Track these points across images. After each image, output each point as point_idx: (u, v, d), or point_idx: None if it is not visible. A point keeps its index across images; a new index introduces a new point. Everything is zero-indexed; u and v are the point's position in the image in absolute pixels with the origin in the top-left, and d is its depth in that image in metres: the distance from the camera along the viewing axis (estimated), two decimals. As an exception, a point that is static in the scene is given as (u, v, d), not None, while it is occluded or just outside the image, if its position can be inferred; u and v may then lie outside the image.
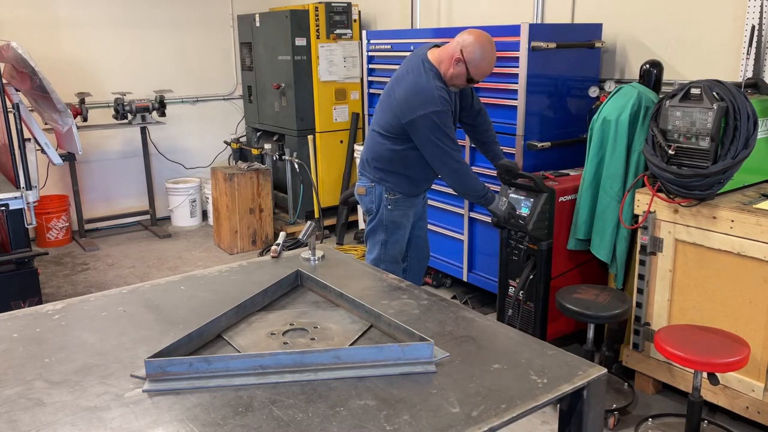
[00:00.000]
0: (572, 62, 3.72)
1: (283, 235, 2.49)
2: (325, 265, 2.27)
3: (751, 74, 3.18)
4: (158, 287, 2.10)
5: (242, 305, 1.84)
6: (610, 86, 3.54)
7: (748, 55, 3.19)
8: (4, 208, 3.59)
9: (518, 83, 3.55)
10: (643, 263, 3.01)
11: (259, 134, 6.38)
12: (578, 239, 3.34)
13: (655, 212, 2.93)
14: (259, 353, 1.54)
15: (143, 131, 6.04)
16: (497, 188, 3.45)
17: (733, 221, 2.64)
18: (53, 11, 5.69)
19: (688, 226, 2.81)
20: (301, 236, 2.30)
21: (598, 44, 3.77)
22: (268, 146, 5.86)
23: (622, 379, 3.22)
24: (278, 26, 5.57)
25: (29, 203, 3.62)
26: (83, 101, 5.45)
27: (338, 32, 5.56)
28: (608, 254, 3.22)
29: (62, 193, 5.91)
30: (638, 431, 2.87)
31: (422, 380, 1.49)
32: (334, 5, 5.51)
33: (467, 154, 3.96)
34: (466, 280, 4.18)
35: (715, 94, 2.68)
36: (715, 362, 2.37)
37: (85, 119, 5.46)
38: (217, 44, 6.58)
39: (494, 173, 3.51)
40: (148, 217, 6.28)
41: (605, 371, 1.53)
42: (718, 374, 2.47)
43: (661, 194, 2.86)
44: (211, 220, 6.02)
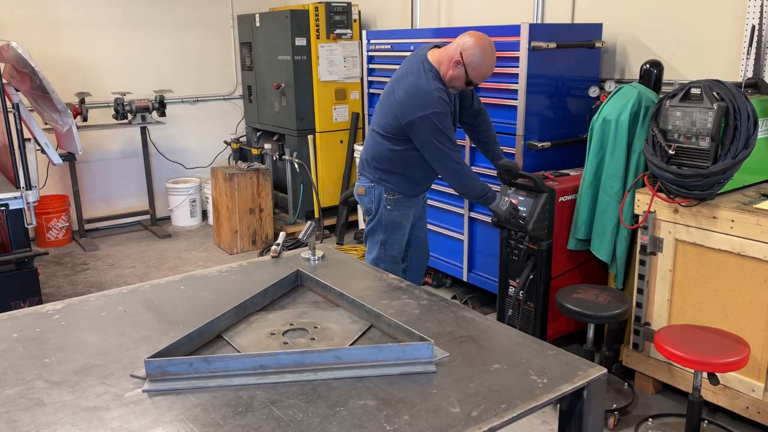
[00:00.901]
0: (572, 62, 3.72)
1: (283, 235, 2.49)
2: (325, 265, 2.27)
3: (751, 74, 3.18)
4: (158, 287, 2.10)
5: (242, 305, 1.84)
6: (610, 86, 3.54)
7: (748, 55, 3.19)
8: (4, 208, 3.59)
9: (518, 83, 3.55)
10: (643, 263, 3.01)
11: (259, 134, 6.38)
12: (578, 239, 3.34)
13: (655, 212, 2.93)
14: (259, 353, 1.54)
15: (143, 131, 6.04)
16: (498, 188, 3.45)
17: (733, 221, 2.64)
18: (53, 11, 5.69)
19: (688, 226, 2.81)
20: (301, 236, 2.30)
21: (598, 44, 3.77)
22: (268, 146, 5.86)
23: (622, 379, 3.22)
24: (278, 26, 5.57)
25: (29, 203, 3.61)
26: (83, 101, 5.45)
27: (338, 32, 5.56)
28: (608, 254, 3.22)
29: (62, 193, 5.91)
30: (638, 431, 2.87)
31: (422, 380, 1.49)
32: (334, 5, 5.51)
33: (467, 153, 3.96)
34: (466, 280, 4.18)
35: (715, 94, 2.68)
36: (715, 362, 2.37)
37: (85, 119, 5.46)
38: (217, 44, 6.58)
39: (494, 173, 3.51)
40: (148, 217, 6.28)
41: (605, 371, 1.53)
42: (718, 374, 2.47)
43: (661, 194, 2.86)
44: (211, 220, 6.03)
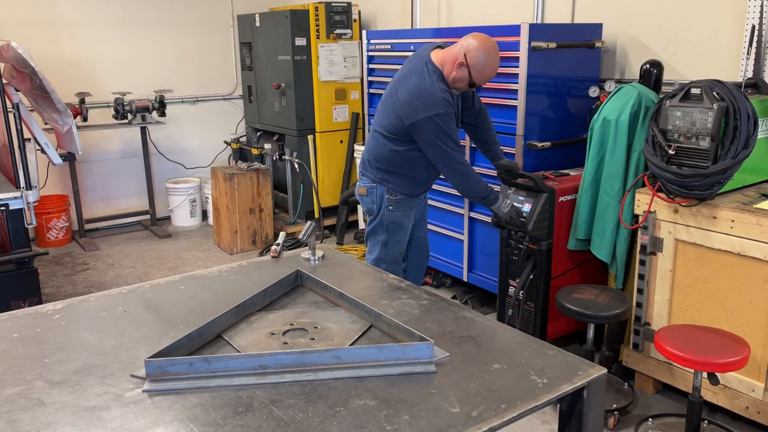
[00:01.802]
0: (572, 62, 3.72)
1: (283, 235, 2.49)
2: (325, 265, 2.27)
3: (751, 74, 3.18)
4: (158, 287, 2.10)
5: (242, 305, 1.84)
6: (610, 86, 3.54)
7: (748, 55, 3.19)
8: (4, 208, 3.59)
9: (518, 83, 3.55)
10: (643, 263, 3.01)
11: (259, 134, 6.38)
12: (578, 239, 3.33)
13: (655, 212, 2.93)
14: (259, 353, 1.54)
15: (143, 131, 6.04)
16: (498, 188, 3.45)
17: (733, 221, 2.64)
18: (53, 11, 5.69)
19: (688, 226, 2.81)
20: (301, 236, 2.30)
21: (598, 44, 3.77)
22: (268, 146, 5.86)
23: (622, 379, 3.21)
24: (278, 26, 5.57)
25: (29, 203, 3.61)
26: (83, 101, 5.45)
27: (338, 32, 5.56)
28: (608, 254, 3.22)
29: (62, 193, 5.91)
30: (638, 431, 2.87)
31: (422, 380, 1.49)
32: (334, 5, 5.51)
33: (468, 153, 3.96)
34: (466, 280, 4.18)
35: (715, 94, 2.68)
36: (715, 362, 2.37)
37: (85, 119, 5.46)
38: (217, 44, 6.58)
39: (494, 173, 3.51)
40: (148, 217, 6.28)
41: (605, 371, 1.53)
42: (718, 374, 2.47)
43: (661, 194, 2.85)
44: (211, 220, 6.03)
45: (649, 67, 3.32)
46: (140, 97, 5.88)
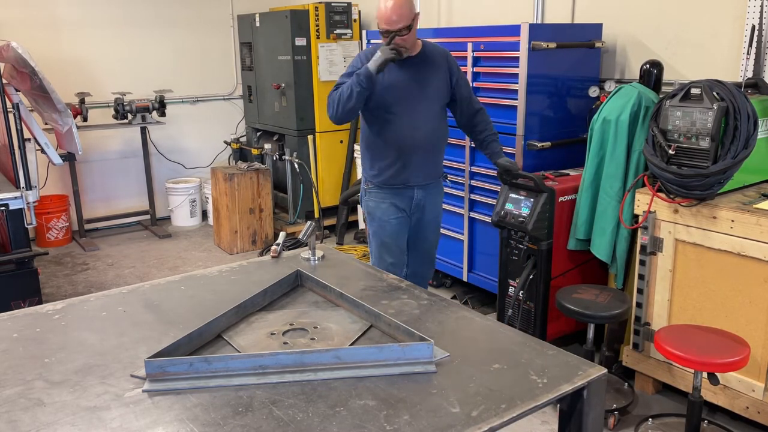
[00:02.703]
0: (572, 62, 3.72)
1: (283, 235, 2.49)
2: (325, 265, 2.27)
3: (751, 74, 3.18)
4: (158, 287, 2.10)
5: (242, 305, 1.84)
6: (610, 86, 3.54)
7: (748, 55, 3.19)
8: (4, 208, 3.59)
9: (518, 83, 3.55)
10: (643, 263, 3.01)
11: (259, 134, 6.38)
12: (578, 239, 3.33)
13: (655, 212, 2.93)
14: (259, 353, 1.54)
15: (143, 131, 6.04)
16: (497, 189, 3.44)
17: (733, 221, 2.64)
18: (53, 11, 5.69)
19: (688, 226, 2.81)
20: (301, 236, 2.30)
21: (598, 44, 3.77)
22: (268, 146, 5.86)
23: (622, 379, 3.21)
24: (278, 26, 5.57)
25: (29, 203, 3.61)
26: (83, 101, 5.45)
27: (338, 32, 5.56)
28: (608, 254, 3.22)
29: (62, 193, 5.91)
30: (638, 431, 2.87)
31: (422, 380, 1.49)
32: (334, 5, 5.51)
33: (467, 154, 3.96)
34: (466, 280, 4.18)
35: (715, 94, 2.68)
36: (715, 362, 2.37)
37: (85, 119, 5.46)
38: (217, 44, 6.58)
39: (494, 173, 3.51)
40: (148, 217, 6.28)
41: (605, 371, 1.53)
42: (718, 374, 2.47)
43: (661, 194, 2.85)
44: (211, 220, 6.02)
45: (649, 67, 3.32)
46: (140, 97, 5.88)
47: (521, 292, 3.38)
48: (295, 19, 5.39)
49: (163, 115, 5.92)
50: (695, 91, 2.70)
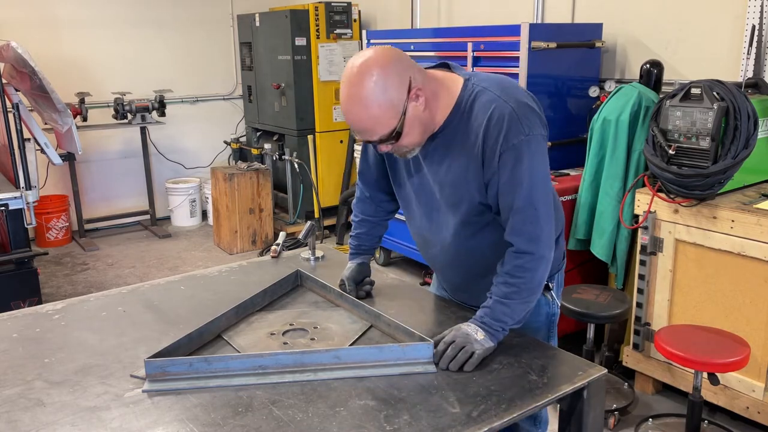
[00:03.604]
0: (572, 62, 3.72)
1: (283, 235, 2.49)
2: (325, 265, 2.27)
3: (751, 74, 3.18)
4: (158, 287, 2.10)
5: (242, 305, 1.84)
6: (610, 86, 3.54)
7: (748, 55, 3.19)
8: (3, 208, 3.58)
9: (518, 83, 3.55)
10: (643, 263, 3.01)
11: (259, 134, 6.37)
12: (578, 239, 3.34)
13: (655, 212, 2.93)
14: (259, 353, 1.54)
15: (143, 131, 6.03)
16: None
17: (733, 221, 2.64)
18: (53, 11, 5.69)
19: (688, 226, 2.81)
20: (301, 236, 2.30)
21: (598, 44, 3.76)
22: (268, 146, 5.86)
23: (622, 379, 3.21)
24: (278, 26, 5.57)
25: (29, 203, 3.61)
26: (83, 101, 5.45)
27: (338, 32, 5.55)
28: (608, 254, 3.22)
29: (62, 193, 5.91)
30: (638, 431, 2.87)
31: (422, 380, 1.49)
32: (334, 5, 5.51)
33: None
34: (466, 280, 4.16)
35: (715, 94, 2.68)
36: (715, 362, 2.37)
37: (84, 119, 5.46)
38: (217, 44, 6.58)
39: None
40: (148, 217, 6.28)
41: (605, 371, 1.53)
42: (718, 374, 2.46)
43: (661, 194, 2.85)
44: (211, 220, 6.02)
45: (649, 67, 3.32)
46: (140, 97, 5.87)
47: (521, 292, 3.37)
48: (295, 19, 5.39)
49: (162, 115, 5.92)
50: (695, 91, 2.70)
